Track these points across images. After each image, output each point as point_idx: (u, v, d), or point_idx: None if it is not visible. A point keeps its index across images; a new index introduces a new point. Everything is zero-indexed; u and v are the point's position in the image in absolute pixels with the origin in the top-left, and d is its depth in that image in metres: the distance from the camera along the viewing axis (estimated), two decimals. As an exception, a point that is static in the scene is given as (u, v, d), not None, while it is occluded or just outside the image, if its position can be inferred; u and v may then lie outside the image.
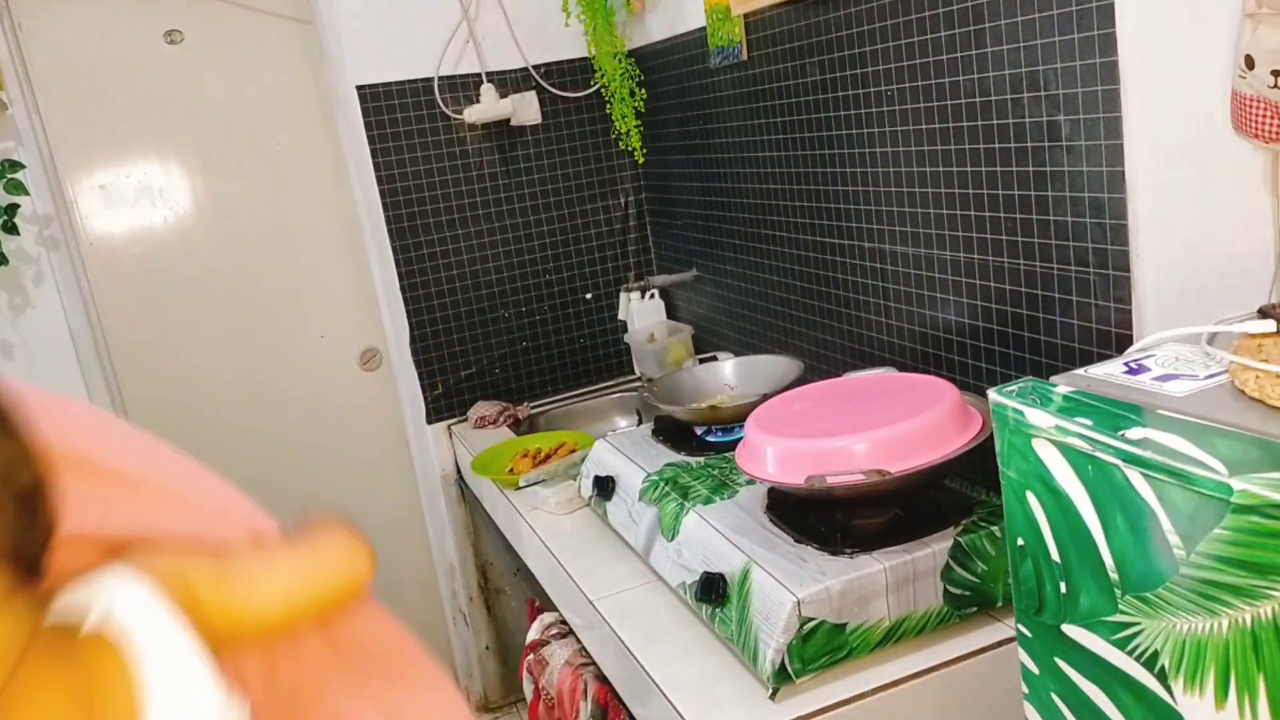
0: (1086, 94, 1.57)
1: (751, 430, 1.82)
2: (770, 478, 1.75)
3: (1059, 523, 1.12)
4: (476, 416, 3.19)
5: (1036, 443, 1.12)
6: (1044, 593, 1.17)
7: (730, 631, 1.69)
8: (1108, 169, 1.56)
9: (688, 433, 2.34)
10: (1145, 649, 1.04)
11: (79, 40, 3.11)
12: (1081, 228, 1.64)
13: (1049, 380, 1.21)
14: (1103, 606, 1.09)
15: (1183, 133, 1.50)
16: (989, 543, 1.67)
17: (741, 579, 1.68)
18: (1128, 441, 1.01)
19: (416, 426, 3.36)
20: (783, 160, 2.47)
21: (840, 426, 1.72)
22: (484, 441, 2.98)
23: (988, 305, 1.90)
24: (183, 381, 3.36)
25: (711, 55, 2.68)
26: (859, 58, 2.10)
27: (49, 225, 3.03)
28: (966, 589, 1.67)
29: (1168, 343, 1.27)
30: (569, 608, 2.25)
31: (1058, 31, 1.60)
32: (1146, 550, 1.01)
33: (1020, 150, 1.73)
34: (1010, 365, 1.87)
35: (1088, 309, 1.66)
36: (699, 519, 1.89)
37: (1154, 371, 1.17)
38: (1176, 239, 1.52)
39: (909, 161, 2.02)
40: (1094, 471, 1.05)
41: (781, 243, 2.57)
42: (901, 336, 2.17)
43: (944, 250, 1.97)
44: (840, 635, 1.59)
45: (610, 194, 3.39)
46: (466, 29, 3.13)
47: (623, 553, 2.17)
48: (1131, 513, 1.02)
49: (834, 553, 1.66)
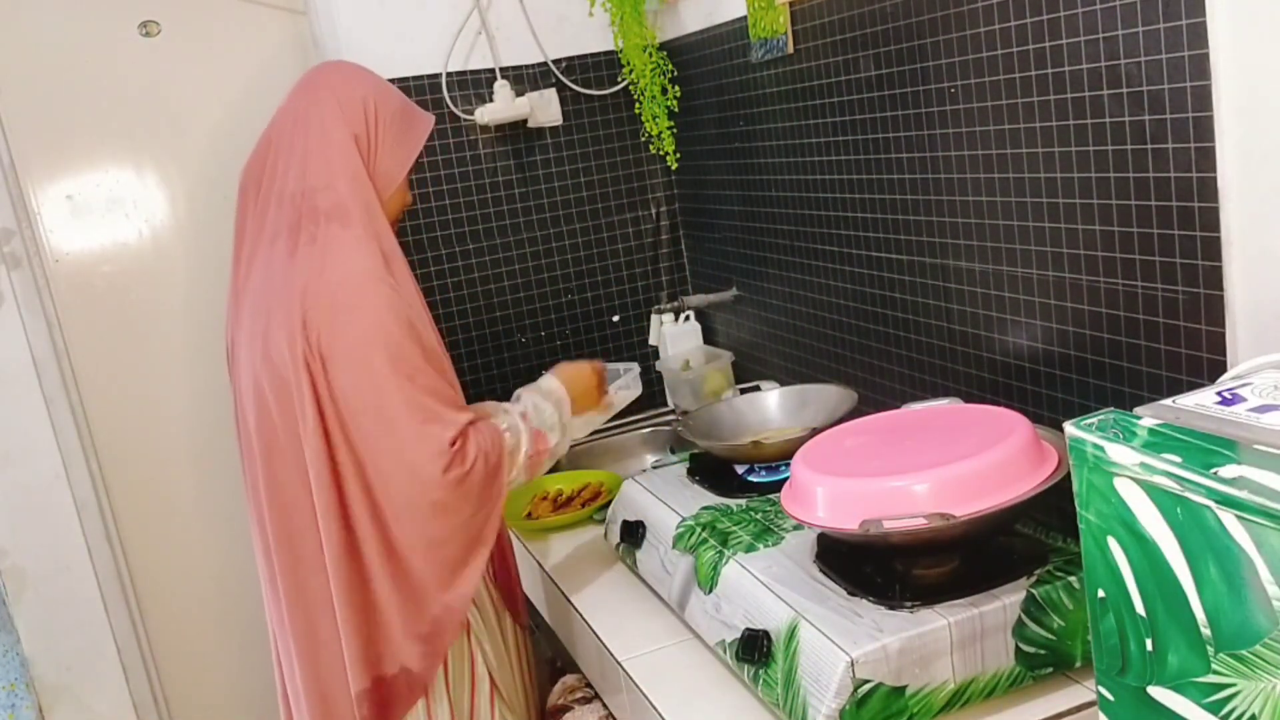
0: (1174, 91, 1.58)
1: (799, 469, 1.83)
2: (820, 523, 1.76)
3: (1144, 572, 1.13)
4: (489, 454, 3.20)
5: (1119, 482, 1.13)
6: (1128, 651, 1.18)
7: (775, 696, 1.70)
8: (1197, 175, 1.57)
9: (727, 472, 2.35)
10: (1242, 714, 1.05)
11: (43, 32, 3.16)
12: (1168, 241, 1.65)
13: (1132, 412, 1.21)
14: (1194, 666, 1.09)
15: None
16: (1066, 595, 1.68)
17: (788, 636, 1.69)
18: (1221, 480, 1.01)
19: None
20: (833, 166, 2.49)
21: (899, 465, 1.73)
22: (497, 482, 2.99)
23: (1063, 328, 1.91)
24: (158, 415, 3.40)
25: (753, 48, 2.70)
26: (918, 50, 2.12)
27: (9, 240, 3.08)
28: (1041, 647, 1.68)
29: (1265, 369, 1.27)
30: (594, 669, 2.26)
31: (1141, 21, 1.61)
32: (1242, 602, 1.02)
33: (1100, 154, 1.75)
34: (1089, 395, 1.89)
35: (1175, 332, 1.67)
36: (740, 569, 1.90)
37: (1250, 402, 1.17)
38: (1274, 253, 1.52)
39: (975, 167, 2.04)
40: (1183, 514, 1.06)
41: (832, 258, 2.59)
42: (967, 363, 2.19)
43: (1014, 267, 1.99)
44: (899, 699, 1.60)
45: (640, 204, 3.42)
46: (478, 19, 3.17)
47: (654, 607, 2.18)
48: (1225, 560, 1.02)
49: (892, 606, 1.67)
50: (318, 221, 2.00)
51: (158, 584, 3.48)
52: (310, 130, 2.06)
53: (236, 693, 3.57)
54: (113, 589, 3.34)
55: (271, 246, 2.04)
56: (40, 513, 3.23)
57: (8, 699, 3.13)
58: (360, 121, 2.08)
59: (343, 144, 2.05)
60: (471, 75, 3.20)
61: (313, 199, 2.01)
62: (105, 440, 3.35)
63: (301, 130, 2.07)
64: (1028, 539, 1.86)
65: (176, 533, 3.47)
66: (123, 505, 3.40)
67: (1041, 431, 1.78)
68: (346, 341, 1.94)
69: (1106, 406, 1.54)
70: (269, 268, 2.03)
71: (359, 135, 2.07)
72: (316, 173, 2.03)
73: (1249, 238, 1.53)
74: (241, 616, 3.47)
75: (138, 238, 3.32)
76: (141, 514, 3.43)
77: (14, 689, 3.15)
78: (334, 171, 2.03)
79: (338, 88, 2.11)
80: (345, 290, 1.95)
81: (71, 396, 3.25)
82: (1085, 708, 1.64)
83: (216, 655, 3.57)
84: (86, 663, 3.33)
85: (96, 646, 3.34)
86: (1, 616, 3.17)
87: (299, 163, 2.04)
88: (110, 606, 3.34)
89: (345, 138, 2.06)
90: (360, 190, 2.04)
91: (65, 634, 3.30)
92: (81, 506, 3.26)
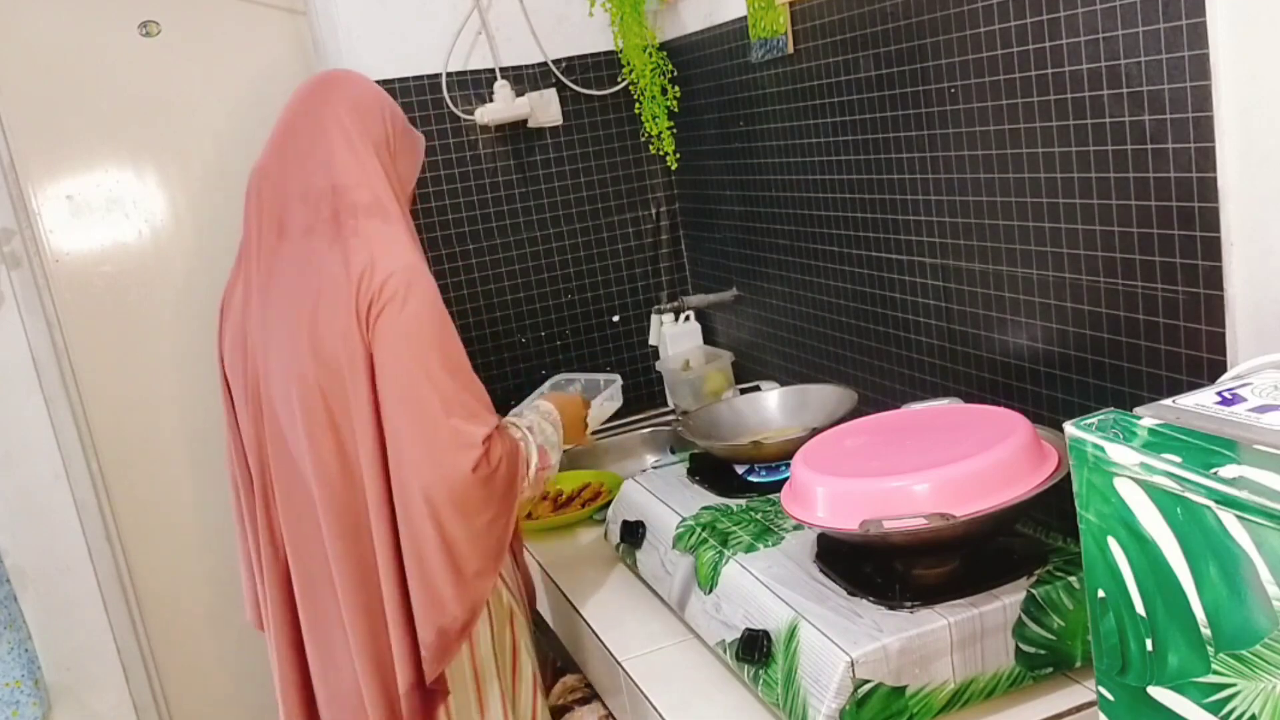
0: (1174, 91, 1.59)
1: (799, 469, 1.84)
2: (820, 523, 1.77)
3: (1144, 572, 1.13)
4: (489, 454, 3.20)
5: (1119, 482, 1.14)
6: (1128, 651, 1.19)
7: (775, 696, 1.70)
8: (1197, 175, 1.57)
9: (727, 472, 2.35)
10: (1242, 713, 1.05)
11: (43, 32, 3.16)
12: (1168, 241, 1.65)
13: (1132, 412, 1.22)
14: (1193, 666, 1.10)
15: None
16: (1066, 595, 1.68)
17: (788, 636, 1.69)
18: (1221, 480, 1.02)
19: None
20: (833, 166, 2.49)
21: (899, 465, 1.74)
22: (497, 482, 3.00)
23: (1063, 328, 1.91)
24: (158, 415, 3.40)
25: (753, 48, 2.71)
26: (918, 50, 2.12)
27: (10, 240, 3.08)
28: (1041, 647, 1.68)
29: (1265, 369, 1.27)
30: (593, 669, 2.27)
31: (1141, 21, 1.61)
32: (1242, 602, 1.02)
33: (1100, 154, 1.75)
34: (1089, 395, 1.89)
35: (1175, 332, 1.68)
36: (740, 569, 1.90)
37: (1250, 402, 1.18)
38: (1274, 253, 1.52)
39: (975, 167, 2.04)
40: (1183, 514, 1.06)
41: (833, 258, 2.59)
42: (967, 363, 2.19)
43: (1014, 267, 1.99)
44: (899, 699, 1.60)
45: (640, 204, 3.42)
46: (478, 19, 3.17)
47: (654, 607, 2.19)
48: (1225, 560, 1.03)
49: (892, 607, 1.67)
50: (357, 216, 2.00)
51: (158, 584, 3.48)
52: (330, 132, 2.06)
53: (236, 693, 3.57)
54: (113, 589, 3.34)
55: (304, 243, 2.02)
56: (40, 513, 3.23)
57: (11, 695, 3.13)
58: (379, 126, 2.09)
59: (367, 145, 2.06)
60: (471, 75, 3.20)
61: (347, 196, 2.01)
62: (105, 440, 3.36)
63: (319, 132, 2.06)
64: (1028, 539, 1.87)
65: (176, 533, 3.48)
66: (123, 505, 3.40)
67: (1041, 431, 1.79)
68: (397, 331, 1.94)
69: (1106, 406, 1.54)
70: (303, 261, 2.02)
71: (380, 139, 2.08)
72: (346, 172, 2.03)
73: (1249, 238, 1.54)
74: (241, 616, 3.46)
75: (138, 238, 3.32)
76: (141, 514, 3.43)
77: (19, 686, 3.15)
78: (366, 170, 2.04)
79: (352, 92, 2.12)
80: (398, 281, 1.95)
81: (71, 396, 3.26)
82: (1085, 708, 1.64)
83: (216, 655, 3.57)
84: (86, 663, 3.33)
85: (96, 646, 3.34)
86: (12, 613, 3.17)
87: (323, 163, 2.04)
88: (110, 606, 3.34)
89: (368, 139, 2.06)
90: (390, 190, 2.05)
91: (65, 634, 3.30)
92: (81, 506, 3.27)
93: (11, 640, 3.14)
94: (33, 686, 3.19)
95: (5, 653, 3.11)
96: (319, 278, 1.99)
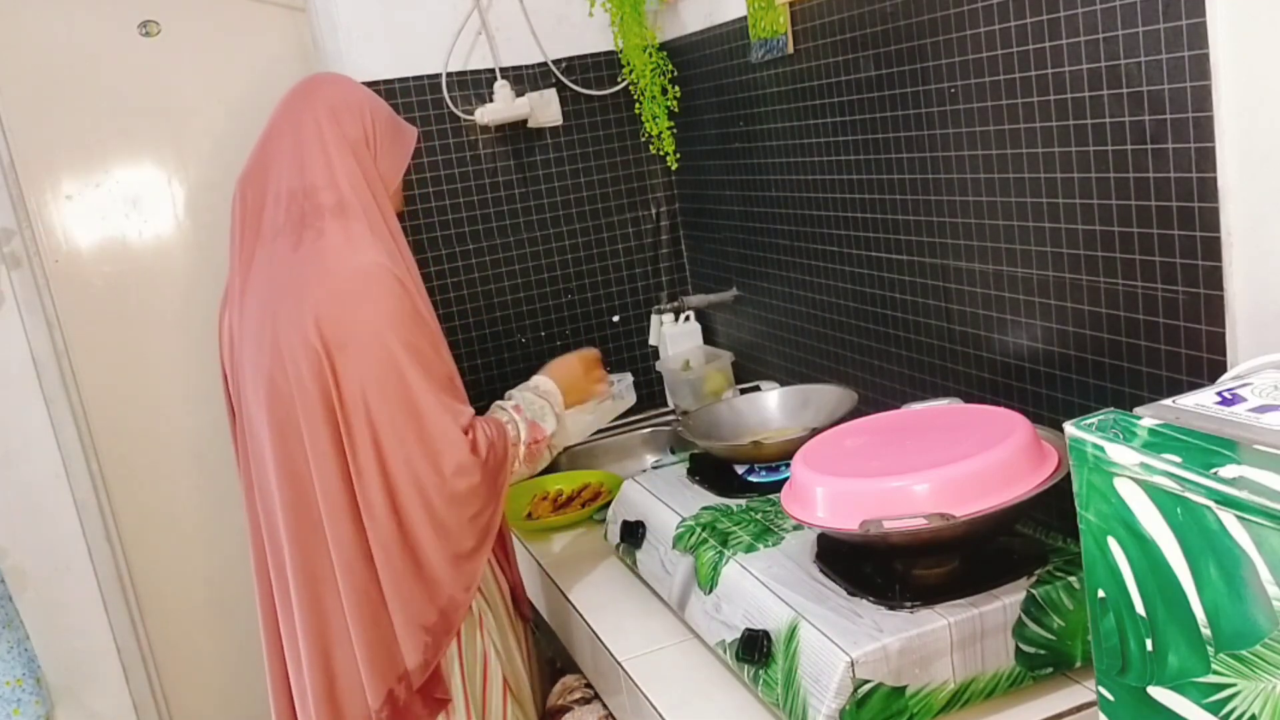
0: (1174, 91, 1.59)
1: (799, 469, 1.84)
2: (820, 523, 1.77)
3: (1144, 572, 1.13)
4: (488, 454, 3.20)
5: (1119, 482, 1.14)
6: (1128, 651, 1.19)
7: (775, 696, 1.70)
8: (1197, 175, 1.57)
9: (727, 472, 2.35)
10: (1242, 714, 1.05)
11: (43, 32, 3.16)
12: (1168, 241, 1.65)
13: (1132, 412, 1.22)
14: (1194, 666, 1.10)
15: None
16: (1066, 595, 1.68)
17: (788, 636, 1.69)
18: (1221, 480, 1.02)
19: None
20: (834, 166, 2.49)
21: (899, 465, 1.74)
22: (497, 482, 3.00)
23: (1063, 328, 1.91)
24: (158, 415, 3.40)
25: (753, 48, 2.71)
26: (918, 50, 2.12)
27: (9, 240, 3.08)
28: (1041, 647, 1.68)
29: (1265, 369, 1.27)
30: (593, 669, 2.27)
31: (1141, 21, 1.61)
32: (1243, 603, 1.02)
33: (1100, 154, 1.75)
34: (1089, 395, 1.89)
35: (1175, 332, 1.67)
36: (740, 569, 1.90)
37: (1250, 402, 1.18)
38: (1274, 253, 1.52)
39: (974, 167, 2.04)
40: (1183, 514, 1.06)
41: (833, 259, 2.59)
42: (967, 364, 2.19)
43: (1014, 267, 1.99)
44: (899, 699, 1.60)
45: (640, 204, 3.42)
46: (478, 19, 3.17)
47: (654, 607, 2.19)
48: (1225, 560, 1.03)
49: (892, 607, 1.67)
50: (322, 216, 2.02)
51: (158, 584, 3.48)
52: (306, 133, 2.08)
53: (236, 693, 3.57)
54: (113, 589, 3.34)
55: (273, 244, 2.05)
56: (40, 513, 3.23)
57: (13, 694, 3.13)
58: (358, 125, 2.12)
59: (341, 146, 2.08)
60: (471, 75, 3.20)
61: (314, 197, 2.03)
62: (105, 440, 3.36)
63: (297, 134, 2.09)
64: (1028, 539, 1.87)
65: (176, 533, 3.48)
66: (123, 505, 3.40)
67: (1041, 431, 1.79)
68: (361, 332, 1.97)
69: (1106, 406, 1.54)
70: (271, 265, 2.05)
71: (358, 138, 2.11)
72: (316, 172, 2.05)
73: (1249, 238, 1.54)
74: (241, 616, 3.47)
75: (138, 238, 3.32)
76: (141, 514, 3.43)
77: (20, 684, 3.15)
78: (334, 171, 2.06)
79: (331, 94, 2.15)
80: (354, 281, 1.97)
81: (71, 396, 3.26)
82: (1085, 708, 1.65)
83: (216, 655, 3.57)
84: (86, 663, 3.34)
85: (96, 646, 3.34)
86: (8, 612, 3.17)
87: (296, 163, 2.06)
88: (110, 606, 3.34)
89: (344, 140, 2.09)
90: (361, 190, 2.06)
91: (65, 634, 3.30)
92: (81, 506, 3.27)
93: (10, 639, 3.13)
94: (34, 685, 3.19)
95: (5, 652, 3.11)
96: (281, 284, 2.02)
